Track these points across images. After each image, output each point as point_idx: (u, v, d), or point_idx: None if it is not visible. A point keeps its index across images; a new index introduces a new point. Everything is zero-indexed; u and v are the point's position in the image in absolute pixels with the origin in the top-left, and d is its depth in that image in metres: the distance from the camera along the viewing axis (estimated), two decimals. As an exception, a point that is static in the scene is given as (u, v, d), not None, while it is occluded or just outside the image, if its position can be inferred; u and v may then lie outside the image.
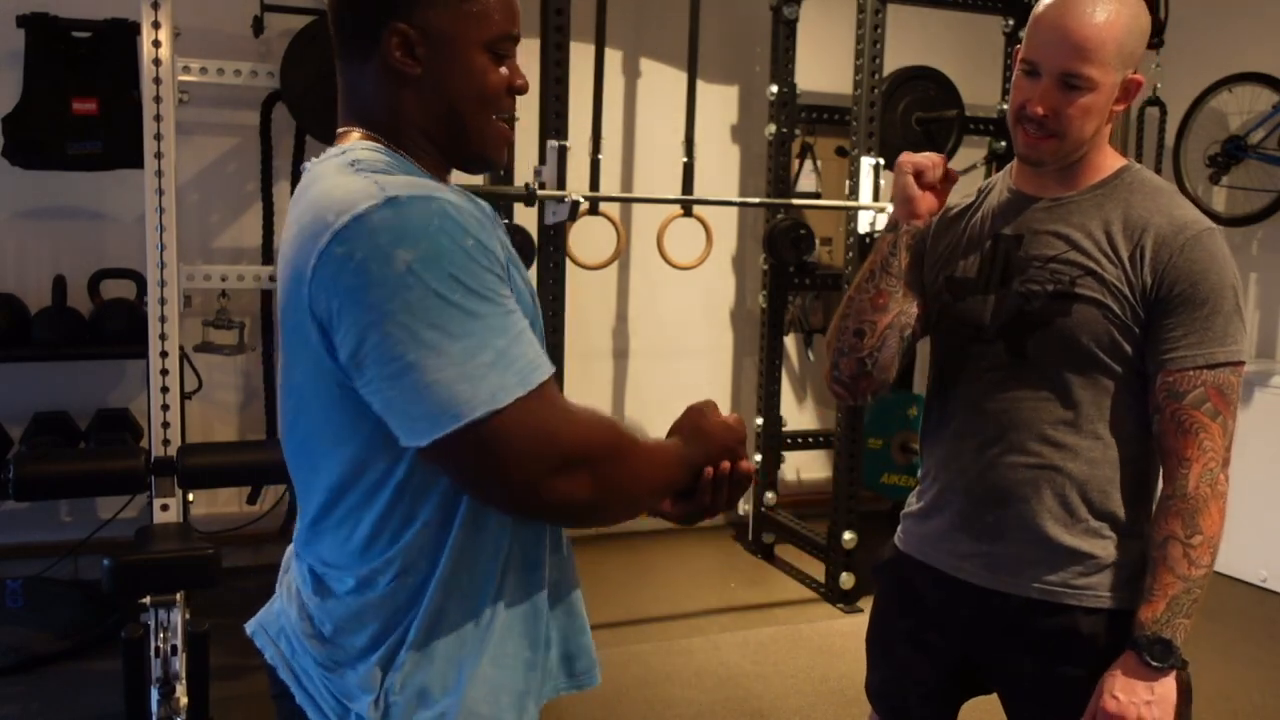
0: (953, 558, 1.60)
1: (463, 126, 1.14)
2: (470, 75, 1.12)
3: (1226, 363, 1.45)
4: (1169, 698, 1.43)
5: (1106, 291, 1.47)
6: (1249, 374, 4.15)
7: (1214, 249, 1.46)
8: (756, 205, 4.47)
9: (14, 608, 3.53)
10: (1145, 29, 1.48)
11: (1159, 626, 1.42)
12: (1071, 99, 1.45)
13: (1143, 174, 1.55)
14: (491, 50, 1.13)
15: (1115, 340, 1.48)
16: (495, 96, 1.14)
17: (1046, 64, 1.45)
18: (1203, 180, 4.55)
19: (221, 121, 3.93)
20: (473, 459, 1.00)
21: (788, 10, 4.24)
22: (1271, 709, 3.18)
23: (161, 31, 2.95)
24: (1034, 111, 1.46)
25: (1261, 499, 4.14)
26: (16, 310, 3.56)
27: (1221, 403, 1.45)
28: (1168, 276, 1.45)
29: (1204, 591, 1.44)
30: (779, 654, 3.47)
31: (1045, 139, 1.48)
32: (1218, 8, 4.58)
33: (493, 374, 0.98)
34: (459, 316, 0.98)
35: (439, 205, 1.00)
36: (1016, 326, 1.53)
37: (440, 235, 0.98)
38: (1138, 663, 1.43)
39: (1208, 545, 1.43)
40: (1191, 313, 1.44)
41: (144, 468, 2.86)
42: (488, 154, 1.18)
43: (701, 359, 4.83)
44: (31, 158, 3.49)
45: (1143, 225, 1.47)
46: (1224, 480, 1.46)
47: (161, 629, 2.58)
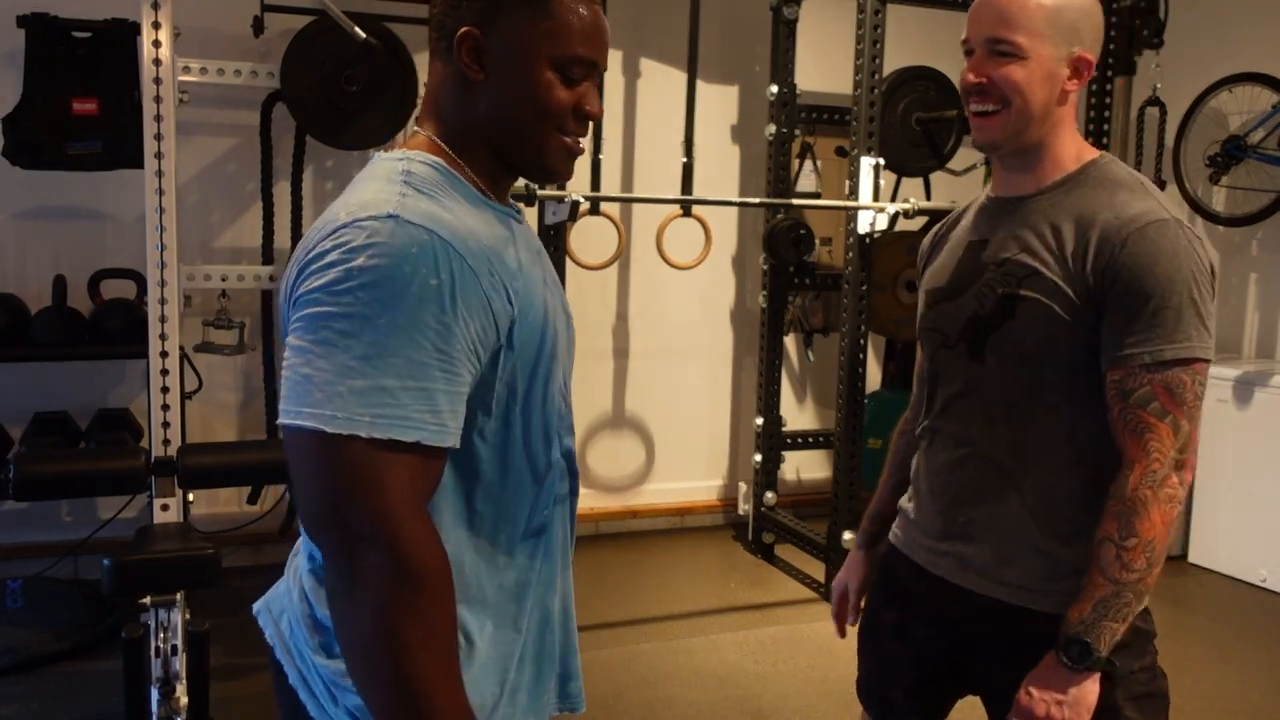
0: (930, 554, 1.61)
1: (523, 138, 1.16)
2: (533, 89, 1.14)
3: (1177, 360, 1.38)
4: (1084, 700, 1.40)
5: (1051, 292, 1.45)
6: (1249, 374, 4.17)
7: (1162, 242, 1.39)
8: (756, 205, 4.47)
9: (14, 608, 3.53)
10: (1086, 9, 1.48)
11: (1081, 628, 1.39)
12: (1001, 64, 1.45)
13: (1110, 168, 1.51)
14: (560, 69, 1.14)
15: (1065, 341, 1.44)
16: (558, 114, 1.15)
17: (975, 36, 1.48)
18: (1203, 180, 4.54)
19: (221, 121, 3.93)
20: (292, 459, 1.02)
21: (788, 10, 4.24)
22: (1271, 709, 3.18)
23: (161, 31, 2.95)
24: (967, 80, 1.48)
25: (1261, 499, 4.14)
26: (16, 310, 3.56)
27: (1171, 402, 1.39)
28: (1109, 273, 1.40)
29: (1138, 597, 1.39)
30: (779, 654, 3.47)
31: (991, 116, 1.48)
32: (1218, 8, 4.58)
33: (351, 399, 0.97)
34: (368, 338, 0.98)
35: (430, 239, 1.02)
36: (973, 330, 1.53)
37: (406, 262, 1.00)
38: (1056, 662, 1.41)
39: (1142, 549, 1.37)
40: (1137, 309, 1.38)
41: (144, 468, 2.85)
42: (549, 166, 1.19)
43: (701, 359, 4.83)
44: (31, 158, 3.49)
45: (1090, 222, 1.44)
46: (1175, 484, 1.39)
47: (161, 629, 2.58)
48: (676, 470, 4.81)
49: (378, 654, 0.99)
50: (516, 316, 1.09)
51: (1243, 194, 4.44)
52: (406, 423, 0.99)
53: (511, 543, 1.17)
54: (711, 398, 4.88)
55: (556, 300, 1.24)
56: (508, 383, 1.11)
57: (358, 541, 0.98)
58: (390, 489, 0.99)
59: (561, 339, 1.20)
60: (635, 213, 4.42)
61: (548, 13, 1.13)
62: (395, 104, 3.62)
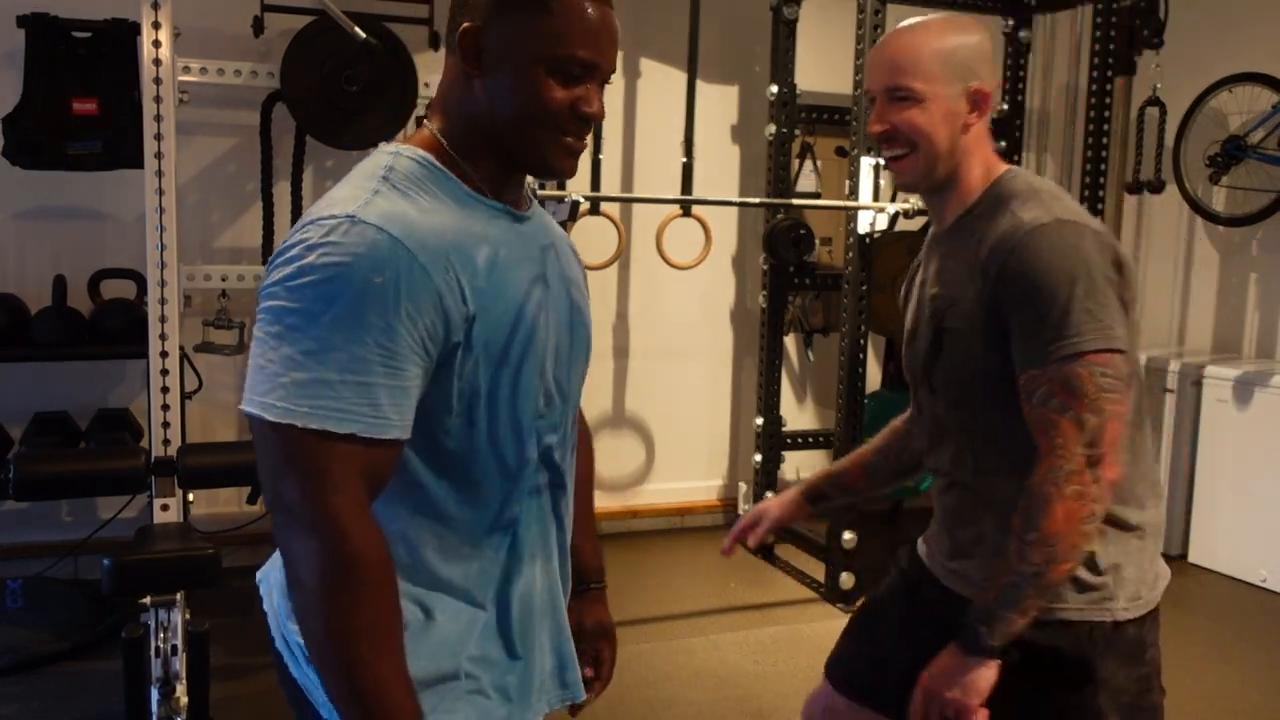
0: (944, 570, 1.67)
1: (520, 136, 1.16)
2: (528, 89, 1.14)
3: (1068, 356, 1.39)
4: (975, 685, 1.42)
5: (969, 318, 1.49)
6: (1249, 374, 4.17)
7: (1043, 244, 1.42)
8: (756, 205, 4.47)
9: (14, 608, 3.53)
10: (976, 45, 1.54)
11: (979, 616, 1.43)
12: (901, 109, 1.52)
13: (1008, 184, 1.55)
14: (558, 69, 1.13)
15: (991, 364, 1.48)
16: (553, 115, 1.15)
17: (875, 86, 1.55)
18: (1203, 180, 4.54)
19: (221, 121, 3.93)
20: (256, 444, 1.07)
21: (788, 10, 4.24)
22: (1271, 709, 3.18)
23: (161, 31, 2.94)
24: (873, 129, 1.56)
25: (1261, 499, 4.14)
26: (16, 310, 3.56)
27: (1069, 398, 1.39)
28: (1002, 284, 1.44)
29: (1039, 592, 1.40)
30: (779, 654, 3.47)
31: (903, 160, 1.55)
32: (1218, 8, 4.58)
33: (292, 390, 1.02)
34: (314, 333, 1.02)
35: (380, 238, 1.05)
36: (926, 369, 1.60)
37: (353, 261, 1.03)
38: (955, 647, 1.44)
39: (1041, 544, 1.38)
40: (1029, 313, 1.42)
41: (144, 468, 2.85)
42: (549, 164, 1.19)
43: (701, 359, 4.83)
44: (31, 158, 3.49)
45: (986, 239, 1.48)
46: (1087, 480, 1.38)
47: (161, 629, 2.58)
48: (676, 470, 4.81)
49: (314, 634, 1.05)
50: (476, 314, 1.10)
51: (1243, 194, 4.44)
52: (343, 414, 1.02)
53: (476, 535, 1.19)
54: (711, 398, 4.88)
55: (556, 298, 1.23)
56: (469, 379, 1.12)
57: (294, 524, 1.04)
58: (324, 478, 1.03)
59: (547, 338, 1.20)
60: (635, 213, 4.42)
61: (548, 10, 1.12)
62: (395, 104, 3.62)
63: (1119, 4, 3.99)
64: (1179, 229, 4.85)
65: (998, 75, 1.59)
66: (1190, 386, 4.40)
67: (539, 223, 1.27)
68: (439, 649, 1.17)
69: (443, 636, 1.17)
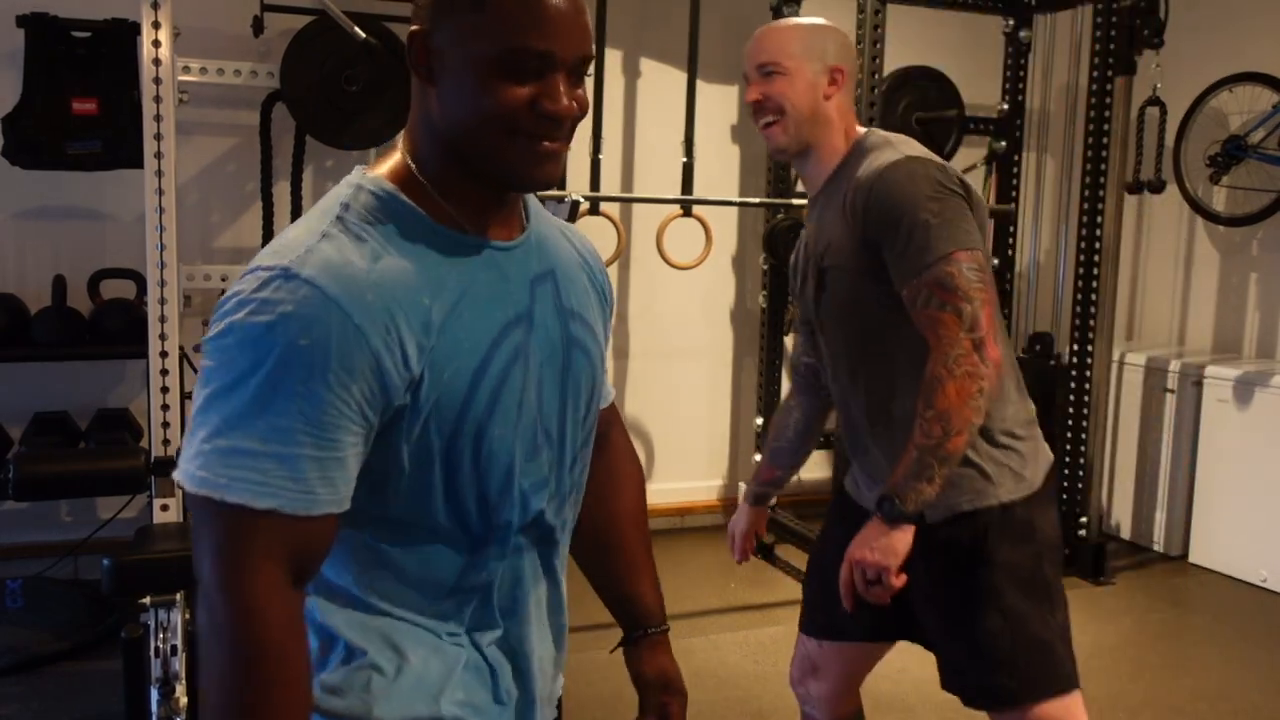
0: (868, 499, 1.82)
1: (479, 147, 1.03)
2: (476, 91, 1.01)
3: (938, 259, 1.61)
4: (893, 547, 1.60)
5: (846, 254, 1.73)
6: (1249, 374, 4.17)
7: (895, 176, 1.67)
8: (756, 205, 4.47)
9: (14, 608, 3.53)
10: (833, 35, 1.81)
11: (893, 488, 1.61)
12: (772, 82, 1.77)
13: (866, 140, 1.79)
14: (506, 65, 1.00)
15: (869, 292, 1.71)
16: (506, 116, 1.01)
17: (749, 66, 1.80)
18: (1203, 180, 4.54)
19: (221, 121, 3.93)
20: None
21: (787, 10, 4.24)
22: (1271, 709, 3.18)
23: (161, 31, 2.95)
24: (748, 99, 1.80)
25: (1261, 499, 4.14)
26: (16, 310, 3.56)
27: (944, 294, 1.61)
28: (869, 218, 1.68)
29: (940, 461, 1.58)
30: (779, 654, 3.47)
31: (772, 125, 1.79)
32: (1218, 8, 4.58)
33: (214, 459, 0.94)
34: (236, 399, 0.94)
35: (311, 295, 0.95)
36: (817, 309, 1.84)
37: (280, 322, 0.94)
38: (875, 519, 1.63)
39: (938, 419, 1.58)
40: (895, 236, 1.64)
41: (144, 468, 2.85)
42: (520, 173, 1.05)
43: (701, 359, 4.83)
44: (31, 158, 3.49)
45: (853, 185, 1.72)
46: (975, 362, 1.59)
47: (161, 629, 2.58)
48: (676, 470, 4.81)
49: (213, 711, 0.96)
50: (423, 375, 0.99)
51: (1243, 194, 4.44)
52: (263, 488, 0.93)
53: (438, 598, 1.10)
54: (711, 398, 4.88)
55: (544, 338, 1.11)
56: (420, 443, 1.02)
57: (203, 601, 0.95)
58: (238, 556, 0.94)
59: (525, 389, 1.08)
60: (635, 213, 4.41)
61: (486, 2, 1.00)
62: (395, 104, 3.62)
63: (1119, 4, 3.98)
64: (1179, 229, 4.85)
65: (854, 61, 1.84)
66: (1190, 386, 4.40)
67: (531, 249, 1.13)
68: (414, 692, 1.08)
69: (418, 678, 1.08)
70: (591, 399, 1.19)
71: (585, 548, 1.34)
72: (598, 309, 1.23)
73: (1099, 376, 4.17)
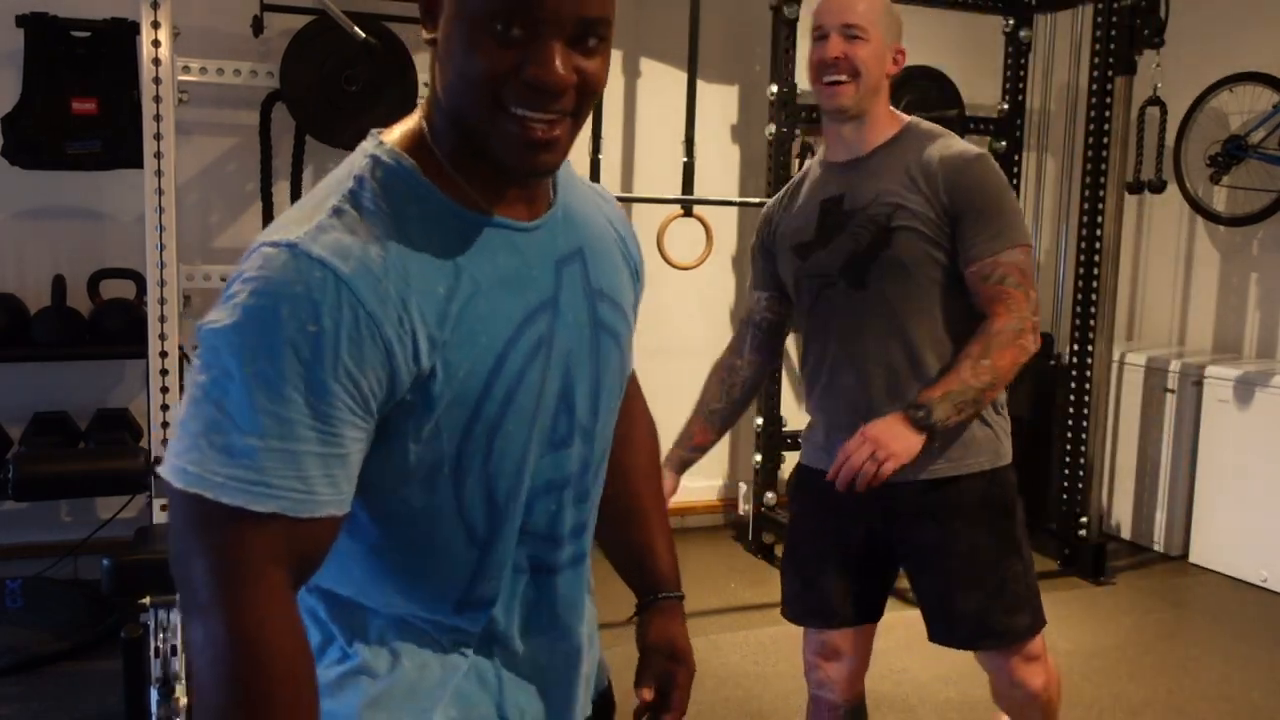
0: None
1: (466, 118, 0.93)
2: (460, 52, 0.89)
3: (1016, 245, 1.86)
4: (909, 447, 1.78)
5: (915, 218, 1.86)
6: (1249, 374, 4.17)
7: (986, 166, 1.89)
8: (756, 205, 4.46)
9: (14, 608, 3.53)
10: (899, 20, 1.96)
11: (930, 401, 1.80)
12: (854, 45, 1.86)
13: (921, 125, 1.97)
14: (488, 24, 0.87)
15: (931, 254, 1.88)
16: (485, 81, 0.89)
17: (830, 23, 1.88)
18: (1203, 180, 4.54)
19: (221, 121, 3.93)
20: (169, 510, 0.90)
21: (788, 10, 4.24)
22: (1271, 709, 3.18)
23: (161, 31, 2.95)
24: (826, 56, 1.87)
25: (1261, 499, 4.14)
26: (16, 310, 3.56)
27: (1020, 276, 1.85)
28: (958, 194, 1.86)
29: (972, 404, 1.81)
30: (779, 654, 3.47)
31: (843, 84, 1.87)
32: (1218, 8, 4.58)
33: (210, 454, 0.84)
34: (236, 390, 0.84)
35: (322, 277, 0.86)
36: (853, 265, 1.92)
37: (284, 304, 0.85)
38: (900, 416, 1.80)
39: (991, 370, 1.81)
40: (982, 217, 1.85)
41: (144, 468, 2.85)
42: (499, 154, 0.93)
43: (701, 359, 4.78)
44: (31, 158, 3.49)
45: (931, 160, 1.88)
46: (1028, 340, 1.83)
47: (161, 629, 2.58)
48: (676, 470, 4.81)
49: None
50: (435, 369, 0.91)
51: (1243, 194, 4.43)
52: (264, 489, 0.84)
53: (443, 600, 1.02)
54: (711, 398, 4.87)
55: (570, 323, 1.02)
56: (429, 443, 0.93)
57: (197, 611, 0.85)
58: (237, 563, 0.85)
59: (546, 380, 0.99)
60: (635, 213, 4.41)
61: None
62: (395, 104, 3.62)
63: (1119, 4, 3.98)
64: (1179, 229, 4.85)
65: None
66: (1191, 386, 4.40)
67: (557, 227, 1.03)
68: (405, 700, 1.00)
69: (410, 686, 1.01)
70: (622, 384, 1.12)
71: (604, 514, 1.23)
72: (629, 286, 1.14)
73: (1099, 376, 4.17)
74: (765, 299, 2.12)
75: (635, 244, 1.19)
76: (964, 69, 4.48)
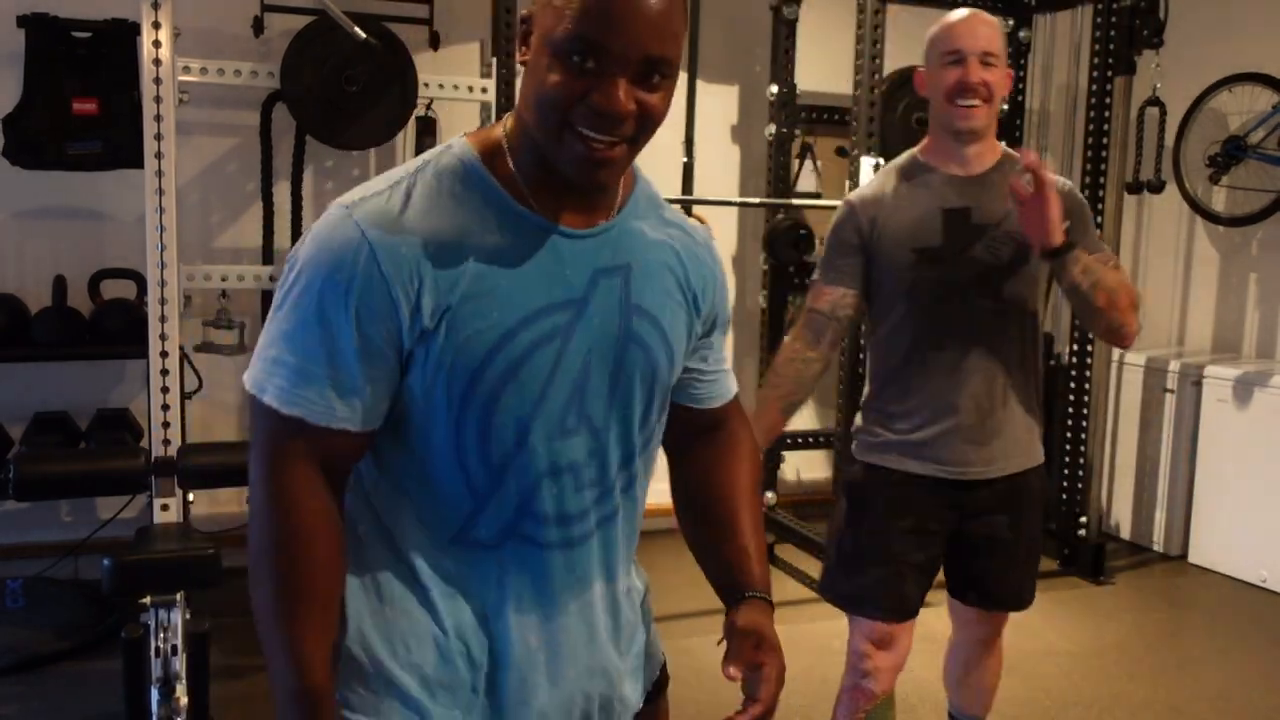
0: (961, 465, 2.09)
1: (538, 129, 1.05)
2: (540, 72, 1.02)
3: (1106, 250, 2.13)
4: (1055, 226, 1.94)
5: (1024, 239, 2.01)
6: (1249, 374, 4.18)
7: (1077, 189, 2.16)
8: (756, 205, 4.47)
9: (14, 608, 3.54)
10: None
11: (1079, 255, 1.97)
12: (991, 71, 2.00)
13: (1012, 153, 2.12)
14: (559, 52, 1.00)
15: (1044, 273, 2.08)
16: (554, 105, 1.01)
17: (970, 49, 1.99)
18: (1203, 180, 4.54)
19: (221, 121, 3.93)
20: None
21: (788, 10, 4.24)
22: (1271, 709, 3.18)
23: (161, 31, 2.95)
24: (969, 80, 1.99)
25: (1261, 499, 4.14)
26: (16, 310, 3.56)
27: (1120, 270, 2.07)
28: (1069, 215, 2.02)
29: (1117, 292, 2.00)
30: (779, 654, 3.46)
31: (977, 108, 2.00)
32: (1218, 8, 4.58)
33: (261, 365, 1.07)
34: (283, 317, 1.06)
35: (354, 236, 1.04)
36: (985, 277, 2.04)
37: (324, 256, 1.04)
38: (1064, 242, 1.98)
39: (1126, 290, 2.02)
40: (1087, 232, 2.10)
41: (144, 468, 2.85)
42: (566, 169, 1.06)
43: (701, 359, 4.82)
44: (31, 158, 3.49)
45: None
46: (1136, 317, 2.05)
47: (161, 629, 2.58)
48: (676, 470, 4.80)
49: (252, 589, 1.08)
50: (440, 330, 1.05)
51: (1243, 194, 4.44)
52: (291, 396, 1.05)
53: (441, 536, 1.14)
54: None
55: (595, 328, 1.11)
56: (430, 396, 1.08)
57: (250, 485, 1.09)
58: (275, 452, 1.06)
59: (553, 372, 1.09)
60: (635, 213, 4.41)
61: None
62: (395, 104, 3.62)
63: (1119, 4, 3.99)
64: (1179, 229, 4.85)
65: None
66: (1190, 386, 4.40)
67: (609, 241, 1.13)
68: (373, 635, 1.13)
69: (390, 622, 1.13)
70: (651, 398, 1.18)
71: (694, 519, 1.38)
72: (680, 315, 1.20)
73: (1099, 376, 4.17)
74: (852, 296, 2.13)
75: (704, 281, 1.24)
76: (964, 69, 4.48)
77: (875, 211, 2.10)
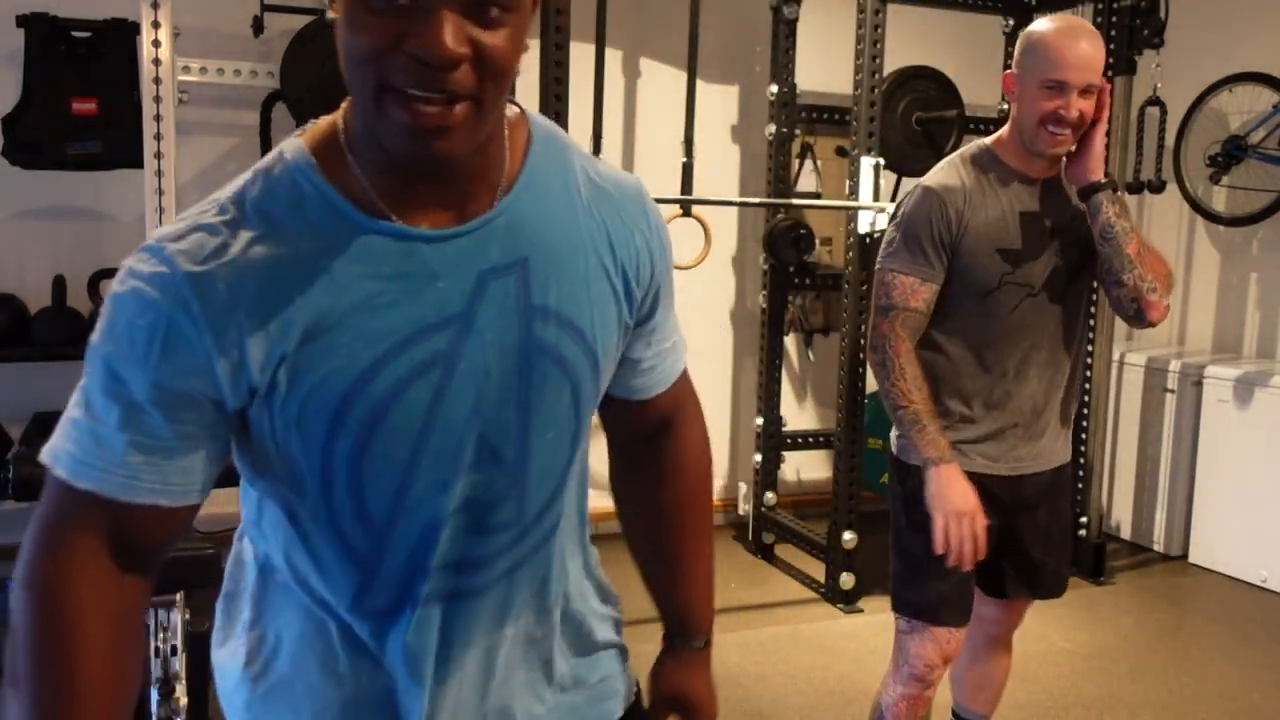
0: (1013, 462, 2.12)
1: (357, 102, 0.86)
2: (345, 25, 0.81)
3: None
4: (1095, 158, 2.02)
5: (1088, 240, 2.06)
6: (1249, 374, 4.18)
7: None
8: (756, 205, 4.47)
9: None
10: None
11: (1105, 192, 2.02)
12: (1088, 101, 1.96)
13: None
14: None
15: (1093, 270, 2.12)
16: (364, 60, 0.81)
17: (1076, 80, 1.93)
18: (1203, 180, 4.54)
19: (221, 121, 3.93)
20: None
21: (788, 10, 4.24)
22: (1271, 709, 3.18)
23: (161, 31, 2.95)
24: (1071, 113, 1.94)
25: (1261, 499, 4.14)
26: (16, 310, 3.56)
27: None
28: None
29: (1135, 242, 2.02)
30: (779, 654, 3.47)
31: (1067, 137, 1.98)
32: (1218, 8, 4.58)
33: (62, 430, 0.89)
34: (86, 374, 0.89)
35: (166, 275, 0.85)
36: (1055, 280, 2.06)
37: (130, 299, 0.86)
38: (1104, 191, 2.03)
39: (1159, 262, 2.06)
40: None
41: (144, 468, 2.85)
42: (389, 144, 0.84)
43: (701, 359, 4.80)
44: (31, 158, 3.49)
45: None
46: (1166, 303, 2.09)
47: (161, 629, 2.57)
48: (676, 470, 4.80)
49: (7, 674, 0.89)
50: (278, 382, 0.86)
51: (1243, 194, 4.44)
52: (85, 467, 0.87)
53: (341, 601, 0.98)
54: (711, 398, 4.87)
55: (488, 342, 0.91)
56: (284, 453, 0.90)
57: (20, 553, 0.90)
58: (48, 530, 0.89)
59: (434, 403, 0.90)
60: (635, 213, 4.41)
61: None
62: (395, 104, 3.62)
63: (1119, 4, 3.99)
64: (1179, 229, 4.85)
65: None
66: (1190, 386, 4.40)
67: (491, 235, 0.91)
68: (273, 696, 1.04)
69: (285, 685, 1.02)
70: (578, 414, 0.99)
71: (635, 543, 1.22)
72: (609, 304, 0.98)
73: (1099, 376, 4.17)
74: (935, 291, 2.05)
75: (644, 255, 1.01)
76: (964, 69, 4.48)
77: (961, 204, 2.03)
